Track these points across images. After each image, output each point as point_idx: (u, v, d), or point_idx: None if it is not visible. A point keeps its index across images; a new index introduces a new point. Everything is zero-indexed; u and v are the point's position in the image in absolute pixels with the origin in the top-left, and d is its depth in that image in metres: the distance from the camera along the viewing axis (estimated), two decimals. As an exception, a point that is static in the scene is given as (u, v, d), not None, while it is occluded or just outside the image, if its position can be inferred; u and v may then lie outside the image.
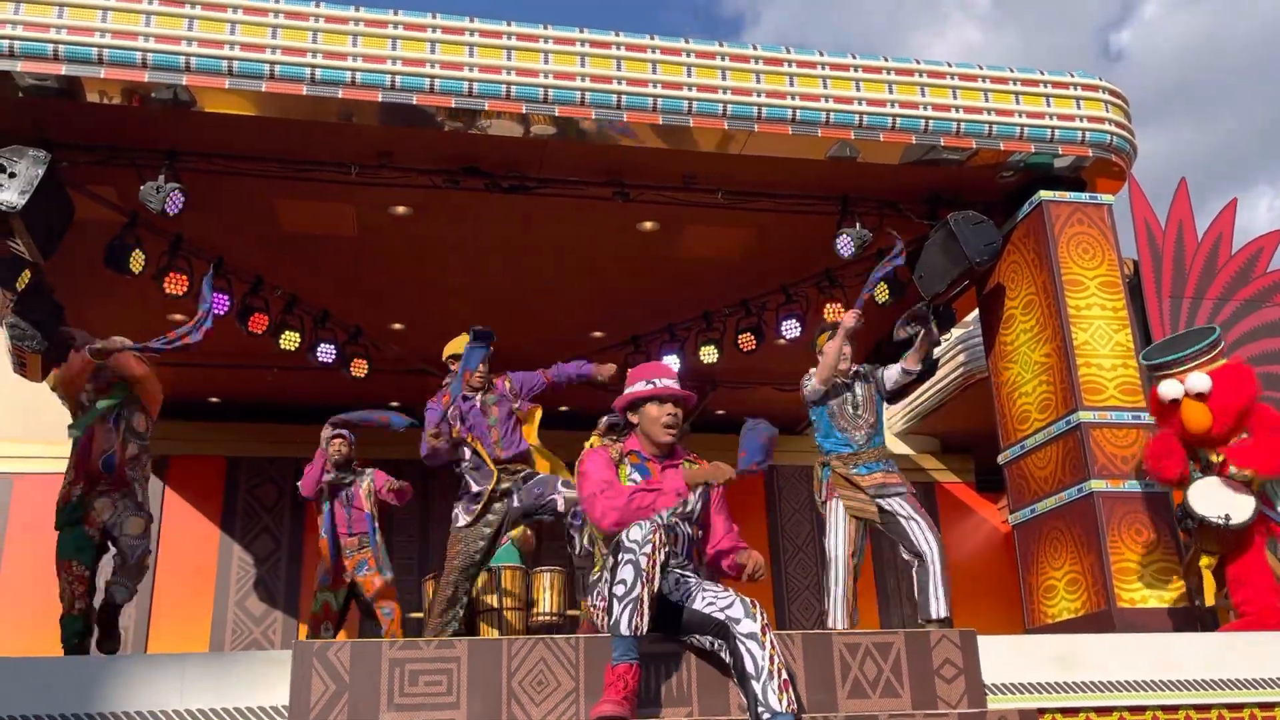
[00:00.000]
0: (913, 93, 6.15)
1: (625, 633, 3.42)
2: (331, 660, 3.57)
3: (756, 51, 6.03)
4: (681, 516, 3.76)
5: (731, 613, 3.50)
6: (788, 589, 10.52)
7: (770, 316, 7.84)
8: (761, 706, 3.34)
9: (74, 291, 7.14)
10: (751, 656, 3.40)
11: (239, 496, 9.73)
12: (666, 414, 3.82)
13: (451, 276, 7.57)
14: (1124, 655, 4.26)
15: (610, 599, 3.49)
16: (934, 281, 6.62)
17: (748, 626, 3.45)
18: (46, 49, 5.17)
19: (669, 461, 3.87)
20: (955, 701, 3.83)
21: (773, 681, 3.34)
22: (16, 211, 5.25)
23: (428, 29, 5.63)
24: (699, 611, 3.57)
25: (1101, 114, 6.39)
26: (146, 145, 5.86)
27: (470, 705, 3.58)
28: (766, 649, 3.40)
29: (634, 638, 3.44)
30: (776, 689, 3.33)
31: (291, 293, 7.52)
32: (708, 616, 3.54)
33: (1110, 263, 6.35)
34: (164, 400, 9.52)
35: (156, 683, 3.57)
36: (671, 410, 3.84)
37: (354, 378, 8.04)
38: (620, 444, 3.91)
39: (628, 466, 3.83)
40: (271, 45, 5.40)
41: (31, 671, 3.59)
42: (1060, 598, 6.06)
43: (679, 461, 3.89)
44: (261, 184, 6.24)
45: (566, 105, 5.71)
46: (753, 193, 6.62)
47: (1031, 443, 6.37)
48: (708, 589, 3.62)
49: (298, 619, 9.40)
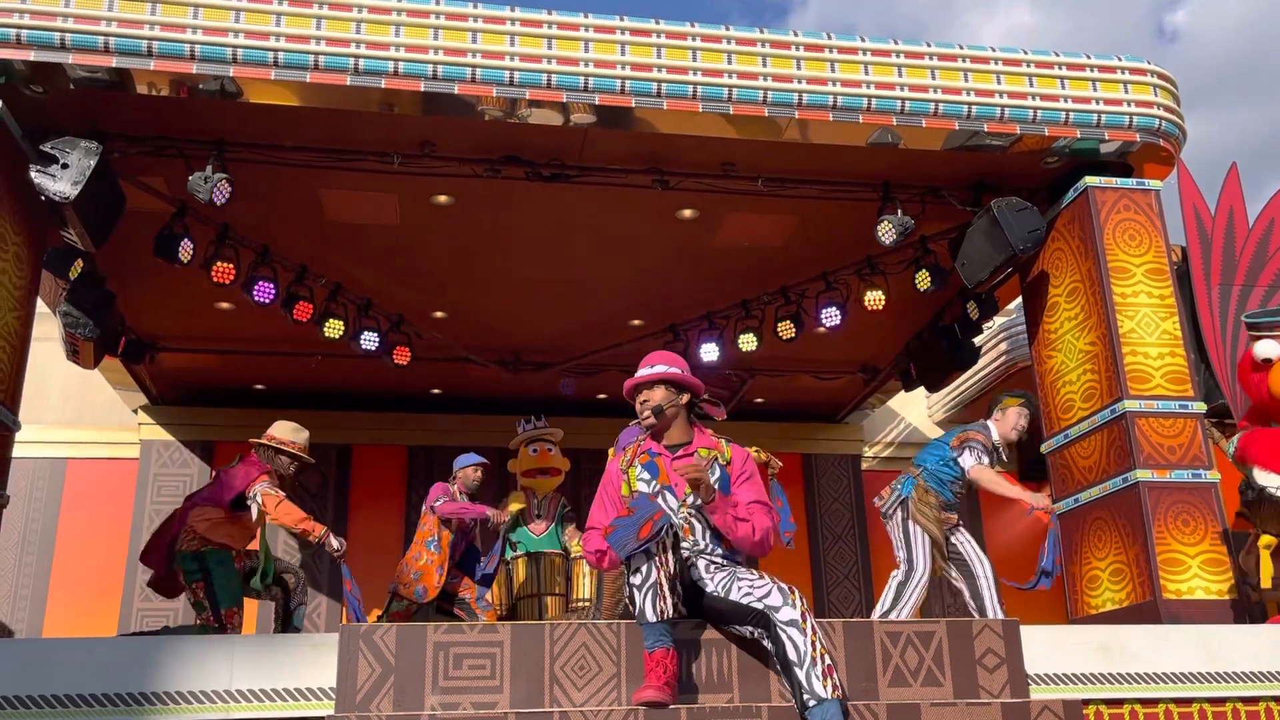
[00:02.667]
0: (955, 78, 6.08)
1: (651, 619, 3.47)
2: (378, 643, 3.63)
3: (797, 38, 5.99)
4: (694, 508, 3.75)
5: (770, 601, 3.51)
6: (827, 577, 10.49)
7: (810, 304, 7.80)
8: (807, 694, 3.35)
9: (124, 280, 7.30)
10: (793, 644, 3.41)
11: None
12: (639, 404, 3.89)
13: (492, 265, 7.62)
14: (1170, 647, 4.22)
15: (631, 591, 3.54)
16: (977, 269, 6.56)
17: (787, 614, 3.47)
18: (97, 41, 5.26)
19: (684, 450, 3.84)
20: (998, 691, 3.82)
21: (816, 668, 3.36)
22: (69, 201, 5.36)
23: (469, 18, 5.66)
24: (737, 602, 3.58)
25: (1150, 98, 6.28)
26: (194, 136, 5.95)
27: (513, 689, 3.62)
28: (808, 635, 3.41)
29: (662, 623, 3.48)
30: (820, 675, 3.35)
31: (335, 281, 7.61)
32: (746, 607, 3.55)
33: (1158, 249, 6.25)
34: (211, 387, 9.72)
35: (207, 664, 3.65)
36: (643, 398, 3.88)
37: (396, 365, 8.13)
38: (639, 442, 3.94)
39: (637, 468, 3.84)
40: (316, 36, 5.46)
41: (85, 652, 3.69)
42: (1104, 588, 5.99)
43: (694, 449, 3.85)
44: (306, 174, 6.32)
45: (607, 93, 5.71)
46: (793, 179, 6.58)
47: (1075, 431, 6.30)
48: (743, 577, 3.63)
49: (341, 603, 9.54)
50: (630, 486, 3.82)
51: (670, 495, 3.76)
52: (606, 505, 3.88)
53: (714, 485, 3.69)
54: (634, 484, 3.82)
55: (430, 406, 10.07)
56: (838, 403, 10.42)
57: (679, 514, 3.72)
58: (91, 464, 9.89)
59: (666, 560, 3.50)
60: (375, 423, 10.08)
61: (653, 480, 3.81)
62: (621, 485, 3.85)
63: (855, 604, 10.40)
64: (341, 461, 9.99)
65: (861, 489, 10.87)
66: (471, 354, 8.89)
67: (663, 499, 3.74)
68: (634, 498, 3.74)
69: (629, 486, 3.83)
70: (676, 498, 3.75)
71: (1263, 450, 5.16)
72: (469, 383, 9.53)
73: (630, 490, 3.82)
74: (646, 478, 3.81)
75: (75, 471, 9.74)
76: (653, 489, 3.78)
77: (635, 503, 3.70)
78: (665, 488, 3.78)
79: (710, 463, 3.78)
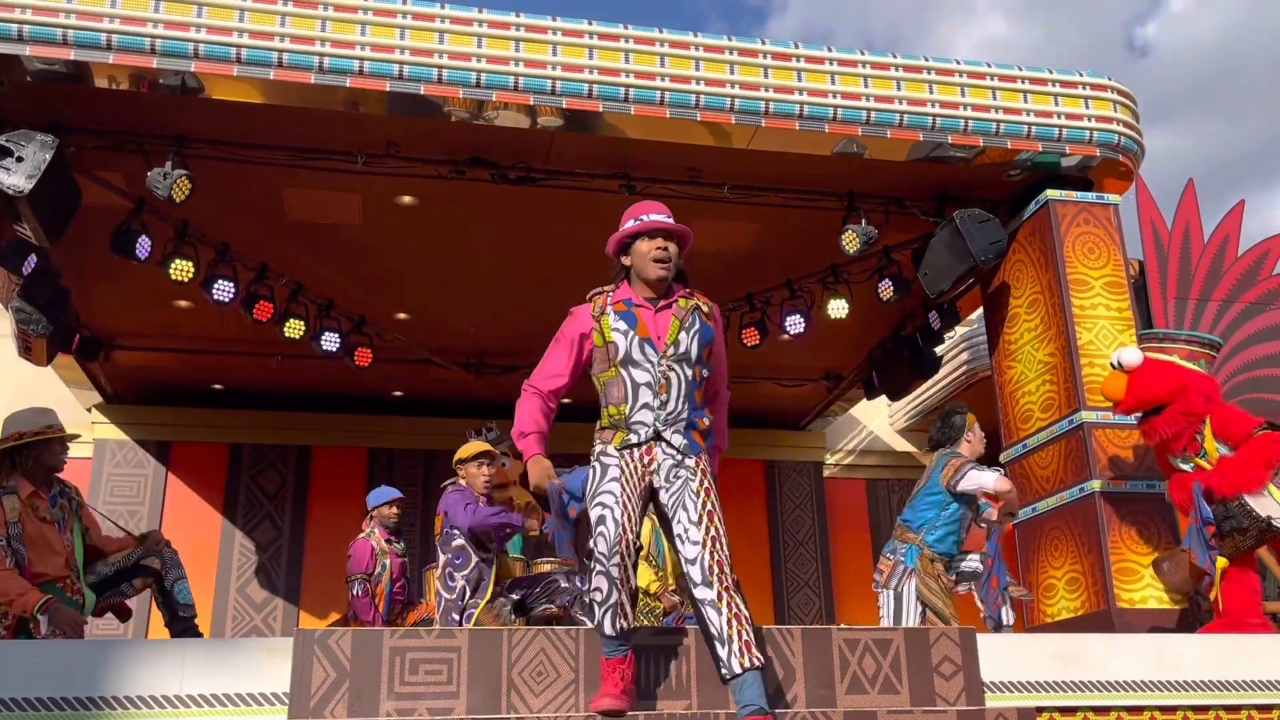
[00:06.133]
0: (920, 90, 6.14)
1: (610, 634, 3.45)
2: (333, 648, 3.58)
3: (764, 46, 6.03)
4: (675, 359, 3.61)
5: (692, 574, 3.46)
6: (787, 584, 10.53)
7: (774, 311, 7.84)
8: (724, 668, 3.41)
9: (80, 276, 7.17)
10: (712, 622, 3.42)
11: (241, 483, 9.75)
12: (656, 247, 3.68)
13: (456, 267, 7.57)
14: (1123, 655, 4.27)
15: (591, 604, 3.51)
16: (939, 279, 6.62)
17: (703, 593, 3.43)
18: (55, 34, 5.17)
19: (664, 302, 3.70)
20: (954, 699, 3.84)
21: (733, 645, 3.37)
22: (23, 195, 5.25)
23: (436, 19, 5.63)
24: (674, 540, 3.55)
25: (1110, 113, 6.38)
26: (154, 131, 5.86)
27: (470, 695, 3.59)
28: (724, 614, 3.40)
29: (615, 638, 3.47)
30: (738, 651, 3.37)
31: (296, 281, 7.52)
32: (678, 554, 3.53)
33: (1116, 263, 6.35)
34: (169, 386, 9.55)
35: (158, 668, 3.58)
36: (661, 244, 3.69)
37: (358, 367, 8.05)
38: (608, 294, 3.77)
39: (610, 317, 3.66)
40: (280, 33, 5.40)
41: (33, 654, 3.61)
42: (1060, 597, 6.06)
43: (674, 301, 3.71)
44: (268, 171, 6.25)
45: (574, 97, 5.71)
46: (758, 187, 6.61)
47: (1034, 441, 6.38)
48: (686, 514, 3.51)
49: (298, 606, 9.43)
50: (605, 336, 3.66)
51: (650, 347, 3.61)
52: (553, 357, 3.75)
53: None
54: (608, 334, 3.65)
55: (392, 409, 9.99)
56: (800, 410, 10.47)
57: (659, 367, 3.59)
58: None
59: (630, 579, 3.47)
60: (335, 424, 9.98)
61: (630, 330, 3.64)
62: (594, 336, 3.69)
63: (815, 610, 10.45)
64: (300, 463, 9.89)
65: (823, 496, 10.93)
66: (434, 356, 8.83)
67: (639, 349, 3.61)
68: (608, 349, 3.63)
69: (603, 336, 3.66)
70: (656, 350, 3.61)
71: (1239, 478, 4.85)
72: (431, 385, 9.46)
73: (604, 340, 3.66)
74: (623, 327, 3.64)
75: None
76: (630, 340, 3.63)
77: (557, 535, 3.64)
78: (643, 341, 3.62)
79: (691, 313, 3.70)
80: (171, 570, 5.08)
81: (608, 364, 3.65)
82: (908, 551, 5.17)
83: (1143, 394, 5.04)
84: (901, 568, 5.14)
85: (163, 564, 5.09)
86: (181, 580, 5.07)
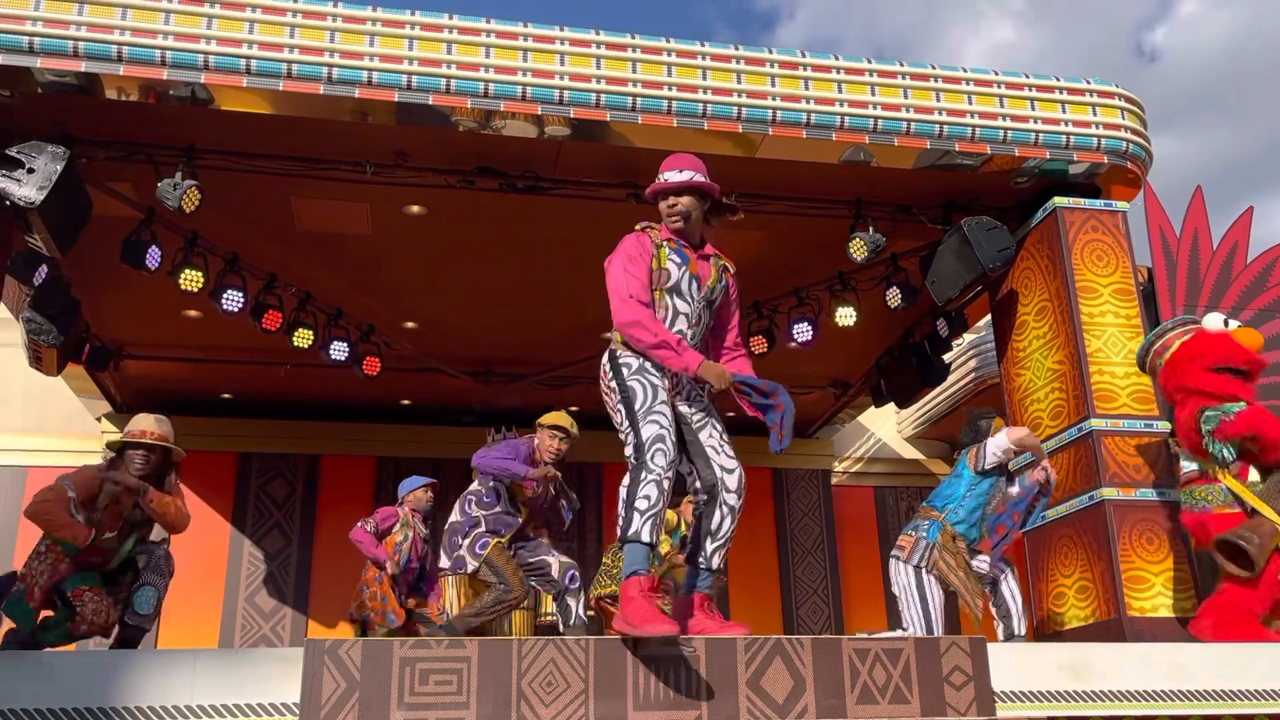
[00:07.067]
0: (928, 98, 6.14)
1: (647, 540, 3.71)
2: (343, 658, 3.59)
3: (772, 55, 6.03)
4: (707, 301, 4.08)
5: (728, 481, 3.94)
6: (796, 592, 10.51)
7: (782, 319, 7.84)
8: (704, 559, 3.95)
9: (90, 286, 7.20)
10: (724, 524, 3.93)
11: (250, 492, 9.77)
12: (668, 205, 4.08)
13: (464, 275, 7.59)
14: (1135, 664, 4.25)
15: (630, 510, 3.73)
16: (947, 287, 6.61)
17: (733, 500, 3.93)
18: (66, 46, 5.20)
19: (702, 252, 4.12)
20: (964, 709, 3.83)
21: (723, 548, 3.95)
22: (35, 207, 5.28)
23: (444, 29, 5.65)
24: (704, 450, 3.99)
25: (1117, 120, 6.38)
26: (164, 142, 5.89)
27: (480, 705, 3.59)
28: (733, 526, 3.95)
29: (651, 548, 3.75)
30: (722, 554, 3.97)
31: (305, 290, 7.55)
32: (709, 461, 3.96)
33: (1124, 270, 6.34)
34: (178, 396, 9.58)
35: (169, 678, 3.59)
36: (672, 201, 4.07)
37: (366, 375, 8.07)
38: (658, 229, 4.11)
39: (666, 249, 4.05)
40: (289, 45, 5.43)
41: (45, 665, 3.62)
42: (1070, 606, 6.04)
43: (710, 254, 4.15)
44: (278, 182, 6.27)
45: (581, 107, 5.72)
46: (766, 195, 6.61)
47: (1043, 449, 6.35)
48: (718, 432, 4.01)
49: (307, 615, 9.44)
50: (661, 263, 4.01)
51: (696, 284, 4.03)
52: (639, 276, 3.98)
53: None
54: (664, 261, 4.01)
55: (400, 417, 10.00)
56: (808, 417, 10.46)
57: (698, 303, 4.03)
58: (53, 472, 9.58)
59: (669, 495, 3.77)
60: (344, 433, 10.00)
61: (683, 265, 4.03)
62: (651, 261, 4.01)
63: (824, 618, 10.43)
64: (309, 471, 9.91)
65: (831, 504, 10.91)
66: (442, 365, 8.85)
67: (688, 283, 4.01)
68: (660, 275, 3.99)
69: (659, 262, 4.01)
70: (700, 290, 4.03)
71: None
72: (439, 393, 9.47)
73: (660, 267, 4.00)
74: (677, 260, 4.03)
75: (37, 480, 9.54)
76: (682, 273, 4.01)
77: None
78: (693, 276, 4.03)
79: (722, 270, 4.15)
80: (148, 573, 4.96)
81: (656, 287, 4.01)
82: (930, 527, 5.12)
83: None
84: (924, 543, 5.09)
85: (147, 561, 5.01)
86: (148, 588, 4.92)
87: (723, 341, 4.22)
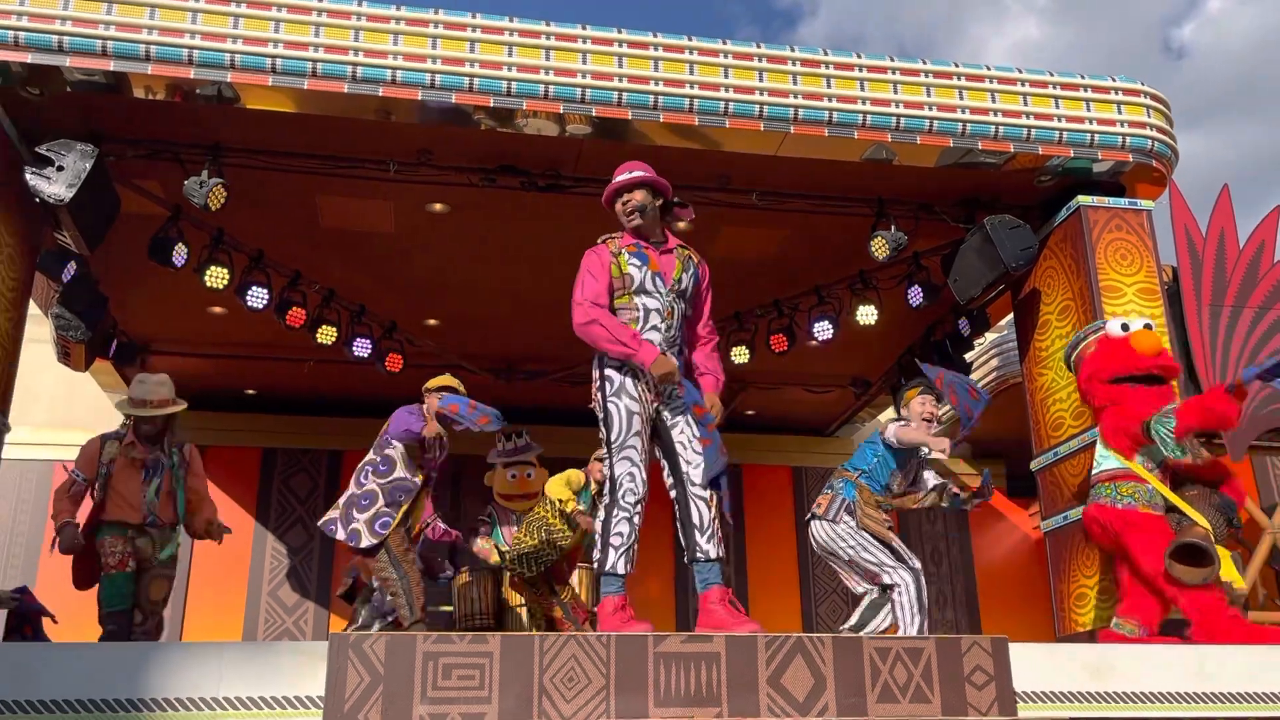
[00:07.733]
0: (950, 96, 6.12)
1: (621, 572, 4.07)
2: (367, 653, 3.62)
3: (794, 53, 6.03)
4: (677, 294, 4.30)
5: (692, 475, 4.15)
6: (815, 591, 10.50)
7: (802, 318, 7.83)
8: (699, 551, 4.10)
9: (117, 283, 7.28)
10: (700, 513, 4.13)
11: (273, 487, 9.85)
12: (621, 203, 4.38)
13: (486, 273, 7.62)
14: (1158, 665, 4.23)
15: (606, 547, 4.08)
16: (969, 286, 6.59)
17: (698, 491, 4.13)
18: (95, 45, 5.26)
19: (665, 247, 4.36)
20: (986, 709, 3.83)
21: (712, 535, 4.11)
22: (64, 204, 5.35)
23: (468, 28, 5.68)
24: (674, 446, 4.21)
25: (1143, 119, 6.33)
26: (191, 140, 5.95)
27: (502, 700, 3.62)
28: (711, 511, 4.11)
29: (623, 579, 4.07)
30: (716, 541, 4.11)
31: (329, 287, 7.60)
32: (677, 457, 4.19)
33: (1149, 269, 6.29)
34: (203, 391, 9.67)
35: (195, 671, 3.63)
36: (625, 199, 4.36)
37: (388, 372, 8.11)
38: (617, 238, 4.38)
39: (625, 255, 4.28)
40: (314, 43, 5.47)
41: (74, 657, 3.67)
42: (1092, 606, 6.01)
43: (672, 247, 4.38)
44: (302, 180, 6.32)
45: (603, 105, 5.73)
46: (788, 194, 6.61)
47: (1065, 449, 6.33)
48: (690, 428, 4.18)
49: (329, 609, 9.51)
50: (622, 269, 4.24)
51: (660, 281, 4.26)
52: (598, 281, 4.24)
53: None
54: (624, 267, 4.25)
55: (421, 414, 10.03)
56: (828, 416, 10.44)
57: (666, 298, 4.25)
58: (80, 466, 9.83)
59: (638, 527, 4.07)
60: (366, 429, 9.96)
61: (644, 265, 4.26)
62: (611, 268, 4.25)
63: (844, 617, 10.39)
64: (332, 467, 9.97)
65: (851, 502, 10.86)
66: (464, 362, 8.88)
67: (652, 281, 4.26)
68: (624, 279, 4.24)
69: (619, 269, 4.24)
70: (665, 285, 4.26)
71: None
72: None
73: (621, 273, 4.24)
74: (637, 263, 4.26)
75: (63, 475, 9.69)
76: (644, 274, 4.25)
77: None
78: (655, 274, 4.26)
79: (687, 260, 4.37)
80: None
81: (623, 292, 4.25)
82: (845, 485, 5.42)
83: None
84: (839, 500, 5.39)
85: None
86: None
87: (695, 330, 4.46)
